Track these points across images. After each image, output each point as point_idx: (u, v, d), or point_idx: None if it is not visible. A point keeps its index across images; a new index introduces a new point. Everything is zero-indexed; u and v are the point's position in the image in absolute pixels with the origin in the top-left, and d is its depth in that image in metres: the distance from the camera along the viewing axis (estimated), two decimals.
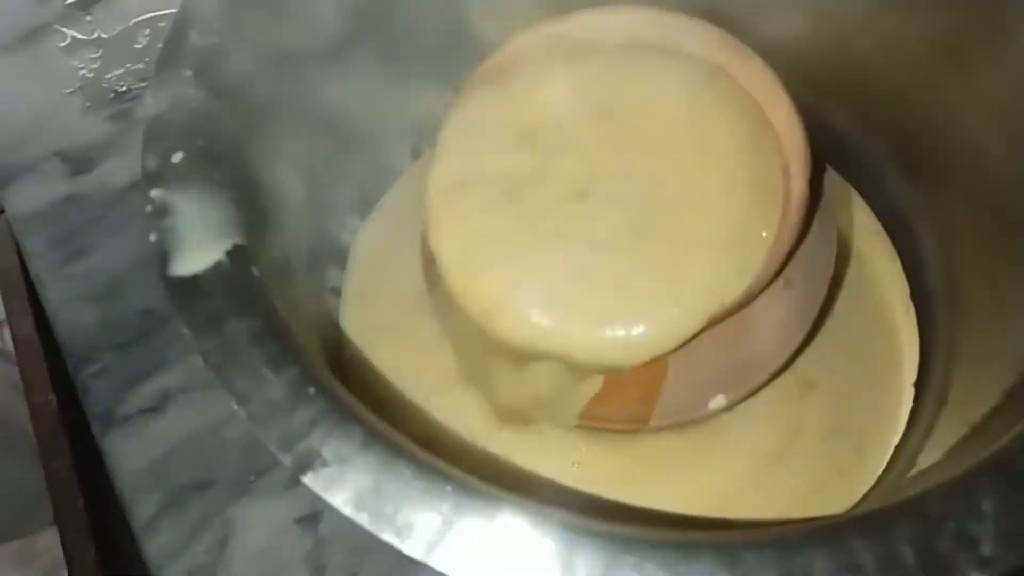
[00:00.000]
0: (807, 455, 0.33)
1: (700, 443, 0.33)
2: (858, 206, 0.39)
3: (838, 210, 0.34)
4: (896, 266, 0.37)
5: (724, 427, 0.33)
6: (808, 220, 0.29)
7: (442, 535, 0.21)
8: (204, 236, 0.26)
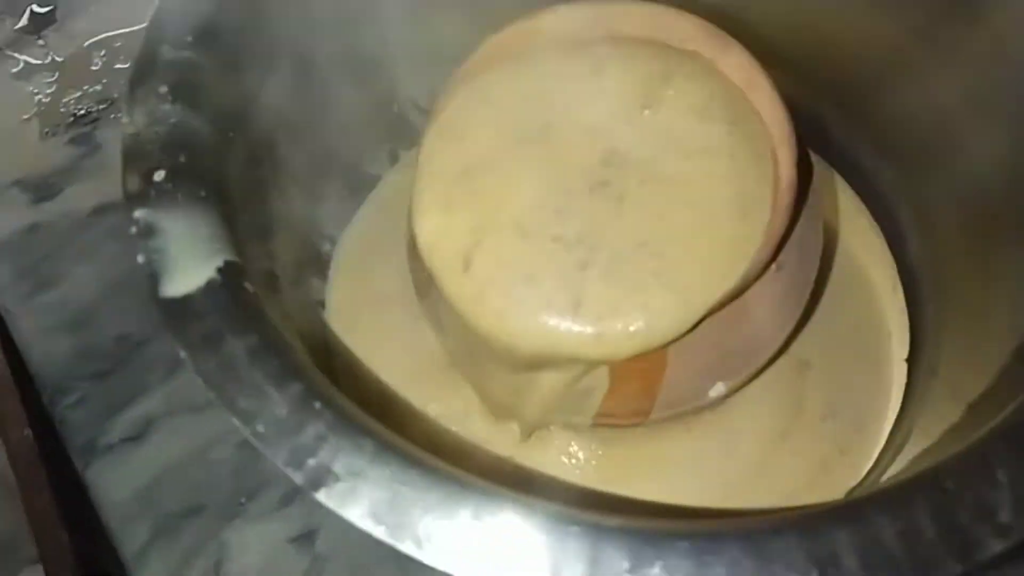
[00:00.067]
0: (808, 434, 0.33)
1: (702, 432, 0.33)
2: (840, 187, 0.40)
3: (822, 192, 0.34)
4: (882, 244, 0.38)
5: (724, 414, 0.33)
6: (798, 204, 0.30)
7: (465, 543, 0.21)
8: (194, 254, 0.25)
